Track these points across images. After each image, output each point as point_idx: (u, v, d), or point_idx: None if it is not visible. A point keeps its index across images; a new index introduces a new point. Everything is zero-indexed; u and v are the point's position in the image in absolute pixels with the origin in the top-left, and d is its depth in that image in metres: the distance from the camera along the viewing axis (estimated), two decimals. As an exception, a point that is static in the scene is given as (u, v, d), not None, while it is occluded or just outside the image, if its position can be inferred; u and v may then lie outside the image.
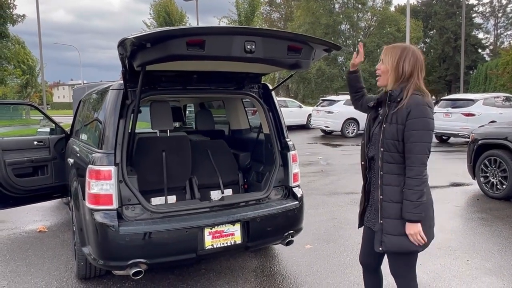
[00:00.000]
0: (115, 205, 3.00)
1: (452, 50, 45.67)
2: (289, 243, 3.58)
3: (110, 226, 2.95)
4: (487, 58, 45.84)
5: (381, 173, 2.21)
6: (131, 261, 2.96)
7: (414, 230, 2.14)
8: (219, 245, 3.20)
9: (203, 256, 3.20)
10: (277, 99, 3.86)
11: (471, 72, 40.20)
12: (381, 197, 2.24)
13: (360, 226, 2.51)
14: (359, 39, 43.37)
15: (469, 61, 42.21)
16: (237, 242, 3.27)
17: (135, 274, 2.97)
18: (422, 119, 2.10)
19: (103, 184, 3.00)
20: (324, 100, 18.17)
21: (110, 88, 3.24)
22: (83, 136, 4.05)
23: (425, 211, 2.18)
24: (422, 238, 2.15)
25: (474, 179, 6.99)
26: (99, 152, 3.09)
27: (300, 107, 20.91)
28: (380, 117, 2.28)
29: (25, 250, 4.55)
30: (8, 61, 19.68)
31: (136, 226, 2.98)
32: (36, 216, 6.00)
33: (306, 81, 41.75)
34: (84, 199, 3.18)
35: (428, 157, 2.14)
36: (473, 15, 47.21)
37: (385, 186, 2.21)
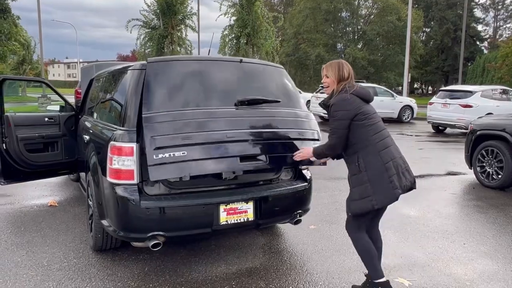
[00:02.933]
0: (136, 180, 3.15)
1: (451, 41, 45.75)
2: (297, 222, 3.77)
3: (131, 200, 3.11)
4: (485, 51, 46.02)
5: (345, 157, 3.07)
6: (150, 234, 3.13)
7: (306, 154, 3.19)
8: (233, 221, 3.37)
9: (218, 231, 3.38)
10: None
11: (469, 64, 40.37)
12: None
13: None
14: (359, 27, 43.26)
15: (467, 53, 42.33)
16: (250, 219, 3.45)
17: (154, 246, 3.15)
18: (334, 112, 2.89)
19: (124, 160, 3.15)
20: (323, 87, 18.23)
21: (131, 68, 3.36)
22: (100, 114, 4.17)
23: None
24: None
25: (471, 169, 7.20)
26: (121, 130, 3.22)
27: (299, 92, 20.98)
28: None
29: (39, 223, 4.70)
30: (9, 37, 19.53)
31: (156, 201, 3.15)
32: (45, 191, 6.15)
33: (305, 67, 41.71)
34: (104, 174, 3.33)
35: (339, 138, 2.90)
36: (474, 7, 47.18)
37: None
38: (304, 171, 3.91)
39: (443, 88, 16.78)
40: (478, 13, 49.02)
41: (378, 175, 2.85)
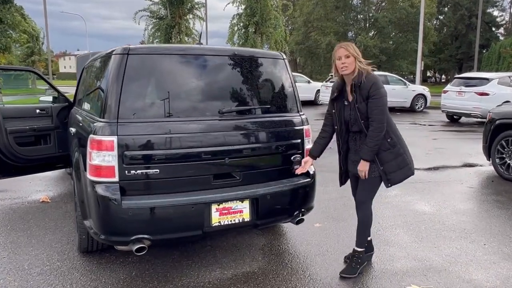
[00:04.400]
0: (117, 178, 2.83)
1: (466, 28, 44.57)
2: (299, 221, 3.43)
3: (112, 200, 2.79)
4: (501, 38, 44.77)
5: None
6: (134, 237, 2.82)
7: (364, 167, 3.08)
8: (226, 222, 3.05)
9: (209, 233, 3.06)
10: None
11: (484, 51, 39.29)
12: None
13: (342, 184, 3.55)
14: (370, 14, 42.36)
15: (482, 40, 41.15)
16: (246, 220, 3.12)
17: (138, 250, 2.83)
18: (377, 90, 2.96)
19: (105, 155, 2.83)
20: (333, 76, 17.76)
21: (113, 53, 3.02)
22: (86, 105, 3.86)
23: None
24: (365, 174, 3.11)
25: (489, 160, 6.77)
26: (101, 121, 2.90)
27: (309, 82, 20.55)
28: (347, 102, 3.14)
29: (27, 221, 4.44)
30: (13, 28, 19.33)
31: (139, 200, 2.83)
32: (39, 186, 5.89)
33: (315, 56, 41.06)
34: (85, 170, 3.02)
35: (385, 116, 3.00)
36: (490, -8, 45.83)
37: None
38: (307, 166, 3.56)
39: (458, 75, 16.17)
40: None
41: (406, 146, 3.18)
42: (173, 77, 3.02)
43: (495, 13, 48.03)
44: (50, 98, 5.81)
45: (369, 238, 3.41)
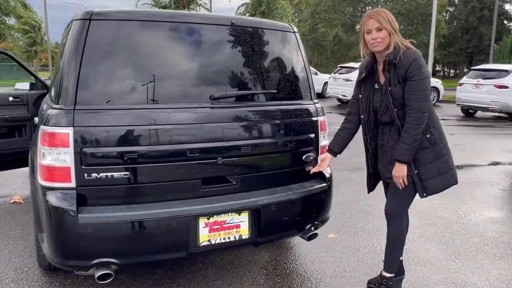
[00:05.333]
0: (73, 183, 2.14)
1: (477, 21, 43.43)
2: (312, 237, 2.73)
3: (67, 212, 2.11)
4: (513, 31, 43.65)
5: (402, 130, 2.35)
6: (96, 261, 2.14)
7: (401, 172, 2.37)
8: (218, 241, 2.36)
9: (196, 254, 2.37)
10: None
11: (495, 44, 38.23)
12: None
13: (370, 190, 2.74)
14: (379, 6, 41.32)
15: (494, 33, 40.11)
16: (244, 237, 2.43)
17: (102, 277, 2.15)
18: (419, 69, 2.26)
19: (59, 153, 2.14)
20: (342, 67, 16.98)
21: (74, 18, 2.32)
22: (51, 90, 3.17)
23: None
24: (404, 182, 2.38)
25: (521, 159, 6.03)
26: (55, 108, 2.21)
27: (316, 74, 19.75)
28: (378, 85, 2.45)
29: (-10, 226, 3.77)
30: (6, 13, 18.62)
31: (102, 213, 2.14)
32: (16, 183, 5.23)
33: (322, 48, 40.15)
34: (36, 172, 2.34)
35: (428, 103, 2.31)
36: (502, -16, 44.58)
37: None
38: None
39: (475, 67, 15.30)
40: (506, -10, 46.32)
41: (447, 146, 2.47)
42: (150, 51, 2.32)
43: (507, 6, 46.83)
44: (27, 85, 5.14)
45: (400, 258, 2.70)
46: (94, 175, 2.15)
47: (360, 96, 2.53)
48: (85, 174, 2.14)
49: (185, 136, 2.30)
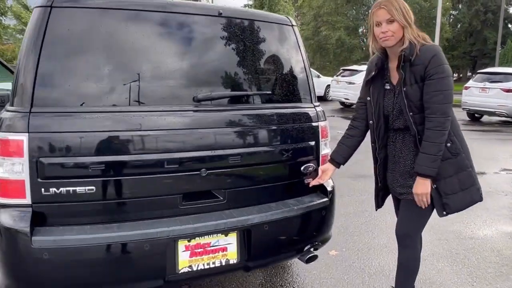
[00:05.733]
0: (28, 199, 1.81)
1: (481, 24, 43.07)
2: (311, 259, 2.37)
3: (20, 233, 1.77)
4: (517, 35, 43.24)
5: (419, 137, 2.03)
6: (53, 293, 1.80)
7: (424, 189, 2.01)
8: (201, 267, 2.02)
9: (175, 282, 2.02)
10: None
11: (499, 48, 37.87)
12: None
13: (378, 207, 2.37)
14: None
15: (498, 36, 39.76)
16: (232, 262, 2.09)
17: (62, 311, 1.82)
18: (440, 66, 1.94)
19: (12, 163, 1.81)
20: (345, 70, 16.65)
21: (34, 6, 1.99)
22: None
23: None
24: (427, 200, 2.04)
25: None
26: (9, 111, 1.88)
27: (318, 77, 19.42)
28: (390, 86, 2.12)
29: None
30: (2, 13, 18.36)
31: (62, 235, 1.80)
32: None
33: (324, 51, 39.89)
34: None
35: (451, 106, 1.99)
36: (506, -13, 44.22)
37: None
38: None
39: (482, 70, 14.94)
40: (510, -7, 45.97)
41: (470, 156, 2.12)
42: (123, 44, 1.98)
43: (511, 9, 46.50)
44: (9, 84, 4.83)
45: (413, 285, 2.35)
46: (53, 190, 1.82)
47: (369, 98, 2.19)
48: (43, 189, 1.81)
49: (163, 144, 1.97)
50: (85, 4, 1.95)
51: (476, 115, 13.70)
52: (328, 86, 18.05)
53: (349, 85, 15.15)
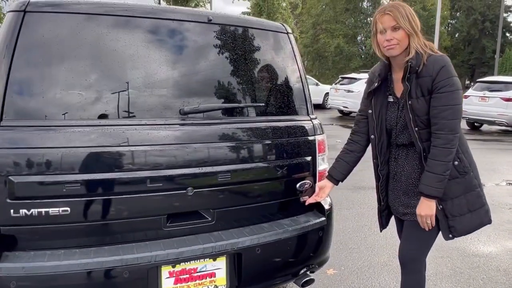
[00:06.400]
0: (-5, 220, 1.65)
1: (479, 33, 43.27)
2: (307, 283, 2.20)
3: (-16, 260, 1.61)
4: (515, 44, 43.40)
5: (424, 154, 1.89)
6: (22, 326, 1.63)
7: (428, 210, 1.87)
8: (187, 295, 1.85)
9: (158, 312, 1.86)
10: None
11: (497, 56, 38.01)
12: None
13: (383, 228, 2.23)
14: (381, 17, 41.18)
15: (496, 45, 39.93)
16: (221, 288, 1.92)
17: None
18: (449, 79, 1.79)
19: (-21, 180, 1.65)
20: (343, 78, 16.57)
21: (7, 10, 1.84)
22: None
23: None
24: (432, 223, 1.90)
25: (539, 178, 5.53)
26: (-24, 122, 1.72)
27: (317, 84, 19.33)
28: (394, 98, 1.99)
29: None
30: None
31: (32, 261, 1.63)
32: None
33: (323, 59, 39.93)
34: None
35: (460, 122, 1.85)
36: (504, -4, 44.46)
37: None
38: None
39: (481, 79, 14.86)
40: (508, 2, 46.26)
41: (479, 175, 1.98)
42: (102, 52, 1.83)
43: (510, 18, 46.73)
44: None
45: None
46: (23, 211, 1.65)
47: (370, 111, 2.03)
48: (11, 210, 1.65)
49: (147, 161, 1.81)
50: (60, 9, 1.80)
51: (476, 124, 13.59)
52: (327, 94, 17.97)
53: (347, 93, 15.05)
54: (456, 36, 46.10)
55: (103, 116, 1.78)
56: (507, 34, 46.23)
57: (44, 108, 1.72)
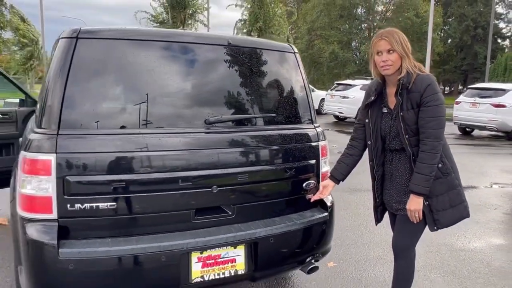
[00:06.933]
0: (55, 214, 1.97)
1: (471, 39, 43.92)
2: (312, 270, 2.54)
3: (47, 246, 1.93)
4: (507, 50, 44.10)
5: (414, 158, 2.23)
6: (77, 301, 1.95)
7: (417, 205, 2.22)
8: (212, 277, 2.18)
9: (188, 292, 2.18)
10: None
11: (489, 62, 38.60)
12: None
13: (378, 222, 2.57)
14: (375, 23, 41.74)
15: (487, 51, 40.56)
16: (240, 272, 2.25)
17: (84, 319, 1.96)
18: (435, 95, 2.15)
19: (40, 181, 1.97)
20: (339, 84, 16.97)
21: (60, 36, 2.17)
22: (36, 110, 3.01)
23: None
24: (419, 216, 2.24)
25: (523, 181, 5.90)
26: (37, 132, 2.04)
27: (313, 90, 19.70)
28: (388, 110, 2.33)
29: (-30, 252, 3.57)
30: (1, 27, 18.52)
31: (85, 248, 1.96)
32: (1, 204, 5.01)
33: (318, 65, 40.34)
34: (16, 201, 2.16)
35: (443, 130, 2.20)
36: (495, 3, 45.17)
37: None
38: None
39: (472, 85, 15.31)
40: (499, 9, 47.04)
41: (459, 176, 2.34)
42: (141, 71, 2.17)
43: (501, 25, 47.50)
44: (16, 100, 4.99)
45: None
46: (77, 205, 1.98)
47: (367, 120, 2.39)
48: (68, 205, 1.97)
49: (178, 163, 2.14)
50: (105, 36, 2.14)
51: (467, 129, 14.01)
52: (323, 99, 18.33)
53: (343, 99, 15.43)
54: (449, 42, 46.75)
55: (145, 125, 2.11)
56: (499, 40, 47.02)
57: (94, 119, 2.05)
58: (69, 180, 1.96)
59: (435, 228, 2.29)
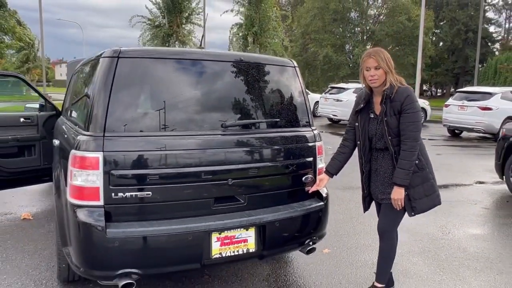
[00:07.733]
0: (101, 201, 2.42)
1: (462, 42, 44.70)
2: (310, 251, 3.02)
3: (95, 227, 2.37)
4: (497, 53, 44.90)
5: (395, 156, 2.69)
6: (120, 271, 2.40)
7: (399, 195, 2.69)
8: (228, 254, 2.63)
9: (209, 266, 2.64)
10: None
11: (480, 66, 39.34)
12: None
13: (366, 209, 3.05)
14: (368, 27, 42.37)
15: (479, 54, 41.31)
16: (251, 250, 2.71)
17: (125, 286, 2.41)
18: (412, 103, 2.63)
19: (88, 175, 2.42)
20: (333, 88, 17.50)
21: (102, 56, 2.63)
22: (72, 115, 3.45)
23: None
24: (401, 204, 2.71)
25: (502, 179, 6.40)
26: (85, 135, 2.49)
27: (308, 93, 20.21)
28: (374, 115, 2.80)
29: (4, 242, 3.99)
30: (5, 32, 18.89)
31: (127, 228, 2.41)
32: (23, 201, 5.43)
33: (312, 68, 40.87)
34: (66, 191, 2.60)
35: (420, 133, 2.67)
36: (486, 7, 46.06)
37: None
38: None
39: (460, 89, 15.89)
40: (490, 14, 47.95)
41: (432, 170, 2.81)
42: (170, 84, 2.63)
43: (491, 29, 48.33)
44: (36, 105, 5.41)
45: (390, 271, 2.99)
46: (120, 194, 2.43)
47: (357, 124, 2.86)
48: (112, 194, 2.42)
49: (200, 160, 2.59)
50: (140, 55, 2.60)
51: (456, 131, 14.55)
52: (317, 102, 18.81)
53: (336, 102, 15.94)
54: (441, 45, 47.52)
55: (173, 129, 2.57)
56: (489, 44, 47.85)
57: (132, 123, 2.49)
58: (113, 173, 2.41)
59: (413, 213, 2.76)
